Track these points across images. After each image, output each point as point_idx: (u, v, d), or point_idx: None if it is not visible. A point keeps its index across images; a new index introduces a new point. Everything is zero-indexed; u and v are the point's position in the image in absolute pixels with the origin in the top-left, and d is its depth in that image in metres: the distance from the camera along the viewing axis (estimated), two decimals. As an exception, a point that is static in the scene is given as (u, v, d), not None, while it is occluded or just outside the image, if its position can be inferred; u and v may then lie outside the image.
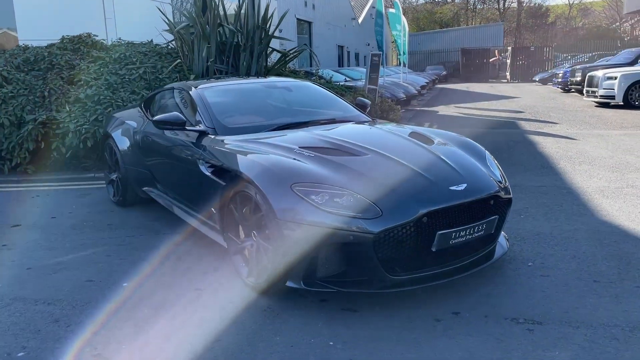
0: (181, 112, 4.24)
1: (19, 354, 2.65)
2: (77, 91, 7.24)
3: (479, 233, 3.09)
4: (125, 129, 5.16)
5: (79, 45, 8.32)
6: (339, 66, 28.65)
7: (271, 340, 2.71)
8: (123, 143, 5.10)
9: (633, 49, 19.97)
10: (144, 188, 4.96)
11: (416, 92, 16.52)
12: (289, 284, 2.99)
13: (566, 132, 9.91)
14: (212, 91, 4.39)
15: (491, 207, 3.15)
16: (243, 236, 3.36)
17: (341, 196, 2.88)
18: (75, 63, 7.81)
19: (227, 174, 3.44)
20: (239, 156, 3.39)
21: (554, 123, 11.32)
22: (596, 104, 14.81)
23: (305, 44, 8.80)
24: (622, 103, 13.60)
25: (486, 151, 3.75)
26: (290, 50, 9.11)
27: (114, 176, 5.39)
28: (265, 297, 3.15)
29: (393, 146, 3.51)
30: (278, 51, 8.92)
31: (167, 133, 4.36)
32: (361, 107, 4.83)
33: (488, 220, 3.12)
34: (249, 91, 4.71)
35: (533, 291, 3.14)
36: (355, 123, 4.30)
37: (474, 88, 26.65)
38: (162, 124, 4.01)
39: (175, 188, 4.39)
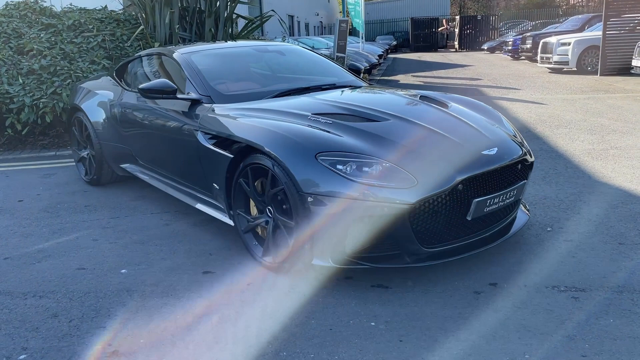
0: None
1: (21, 357, 2.31)
2: (29, 62, 6.58)
3: (510, 199, 2.94)
4: (98, 100, 4.68)
5: (26, 12, 7.56)
6: (290, 36, 27.98)
7: (306, 324, 2.48)
8: (96, 116, 4.62)
9: (580, 16, 20.46)
10: (123, 165, 4.54)
11: (376, 61, 16.33)
12: (315, 262, 2.76)
13: (531, 97, 10.00)
14: (199, 56, 4.01)
15: (519, 172, 3.01)
16: (255, 212, 3.09)
17: (370, 165, 2.65)
18: (24, 31, 7.10)
19: (233, 145, 3.12)
20: (248, 125, 3.07)
21: (516, 89, 11.42)
22: (550, 70, 15.10)
23: (272, 10, 8.33)
24: (575, 69, 13.90)
25: (500, 114, 3.60)
26: (257, 17, 8.66)
27: (85, 153, 4.92)
28: (285, 277, 2.91)
29: (411, 110, 3.30)
30: (245, 18, 8.44)
31: (152, 103, 3.96)
32: (355, 72, 4.58)
33: (518, 185, 2.98)
34: (239, 55, 4.34)
35: (563, 257, 3.04)
36: (355, 87, 4.05)
37: (426, 57, 26.72)
38: (148, 93, 3.60)
39: (163, 163, 4.01)
